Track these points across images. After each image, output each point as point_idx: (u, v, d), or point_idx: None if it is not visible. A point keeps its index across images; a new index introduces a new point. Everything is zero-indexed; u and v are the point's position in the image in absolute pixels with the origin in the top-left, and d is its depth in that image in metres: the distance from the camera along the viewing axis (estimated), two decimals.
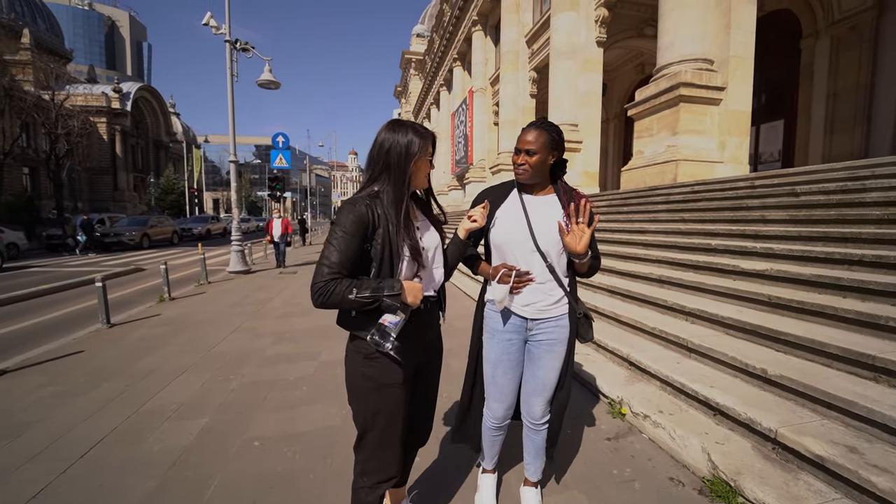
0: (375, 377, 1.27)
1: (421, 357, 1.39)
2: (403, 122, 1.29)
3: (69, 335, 4.69)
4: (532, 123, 1.48)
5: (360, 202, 1.22)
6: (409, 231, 1.24)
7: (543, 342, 1.54)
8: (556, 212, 1.50)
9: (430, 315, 1.37)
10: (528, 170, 1.47)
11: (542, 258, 1.47)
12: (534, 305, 1.51)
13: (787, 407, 2.03)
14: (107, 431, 2.46)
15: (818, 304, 2.50)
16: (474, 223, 1.45)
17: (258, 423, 2.56)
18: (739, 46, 7.14)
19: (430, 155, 1.31)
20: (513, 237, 1.49)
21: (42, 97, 26.99)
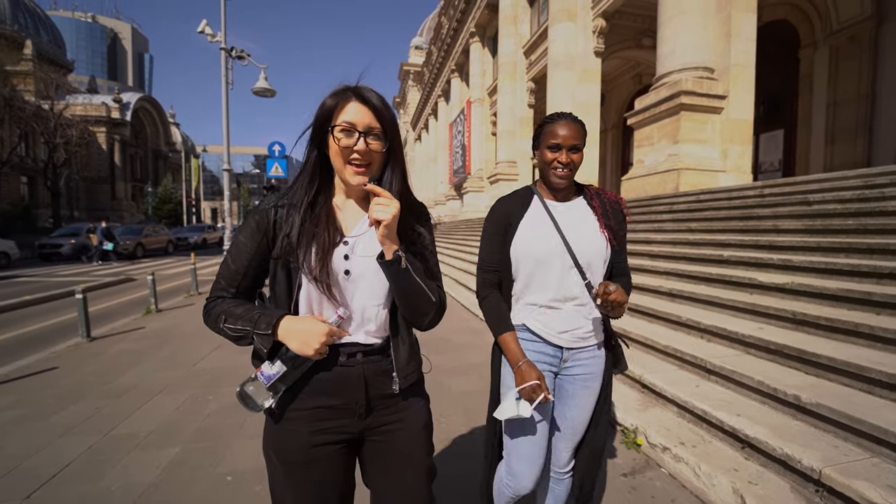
0: (269, 444, 0.93)
1: (352, 427, 0.94)
2: (342, 85, 0.89)
3: (48, 349, 4.44)
4: (563, 115, 1.21)
5: (268, 201, 0.93)
6: (311, 241, 0.87)
7: (579, 377, 1.28)
8: (589, 219, 1.26)
9: (362, 372, 0.92)
10: (572, 172, 1.20)
11: (580, 275, 1.22)
12: (573, 332, 1.24)
13: (828, 441, 1.80)
14: (65, 463, 2.20)
15: (850, 321, 2.28)
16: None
17: (233, 454, 2.31)
18: (740, 55, 7.06)
19: (345, 126, 0.84)
20: (547, 253, 1.21)
21: (42, 107, 27.00)
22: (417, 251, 0.95)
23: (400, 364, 0.95)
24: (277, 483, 0.94)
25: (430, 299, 0.92)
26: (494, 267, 1.30)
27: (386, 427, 0.97)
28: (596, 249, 1.23)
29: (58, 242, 15.69)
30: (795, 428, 1.92)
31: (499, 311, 1.27)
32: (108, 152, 36.92)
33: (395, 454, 0.97)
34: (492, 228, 1.30)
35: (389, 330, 0.96)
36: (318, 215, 0.90)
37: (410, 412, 0.99)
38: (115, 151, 37.56)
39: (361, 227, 0.93)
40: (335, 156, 0.88)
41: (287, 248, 0.88)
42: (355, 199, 0.96)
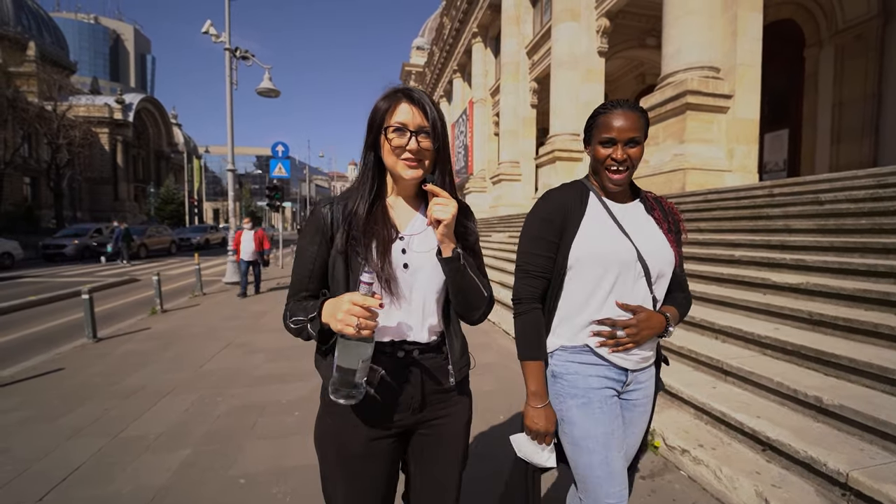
0: (326, 438, 0.97)
1: (408, 421, 0.98)
2: (391, 88, 0.93)
3: (53, 350, 4.43)
4: (619, 103, 1.03)
5: (322, 203, 0.97)
6: (372, 237, 0.91)
7: (639, 402, 1.12)
8: (649, 223, 1.10)
9: (419, 369, 0.96)
10: (629, 171, 1.03)
11: (648, 285, 1.05)
12: (640, 352, 1.07)
13: (852, 443, 1.76)
14: (74, 466, 2.18)
15: (869, 321, 2.24)
16: None
17: (245, 456, 2.28)
18: (746, 54, 7.03)
19: (397, 126, 0.87)
20: (618, 257, 1.02)
21: (45, 108, 27.08)
22: (468, 247, 0.98)
23: (455, 357, 1.00)
24: (331, 476, 0.97)
25: (483, 294, 0.97)
26: (542, 272, 1.08)
27: (436, 420, 1.01)
28: (667, 258, 1.07)
29: (61, 243, 15.72)
30: (818, 430, 1.88)
31: (536, 335, 1.09)
32: (110, 153, 36.98)
33: (440, 446, 1.02)
34: (543, 224, 1.08)
35: (443, 325, 1.00)
36: (375, 213, 0.94)
37: (458, 407, 1.04)
38: (117, 152, 37.61)
39: (414, 224, 0.98)
40: (388, 154, 0.91)
41: (352, 242, 0.91)
42: (406, 197, 1.00)
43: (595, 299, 1.05)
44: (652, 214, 1.11)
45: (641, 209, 1.12)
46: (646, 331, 1.02)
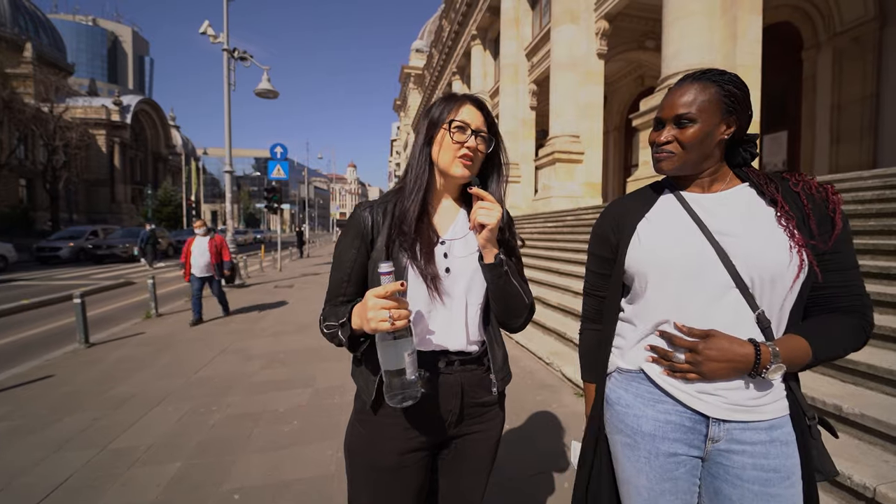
0: (357, 448, 0.94)
1: (444, 434, 0.95)
2: (448, 93, 0.96)
3: (44, 355, 4.32)
4: (691, 74, 0.83)
5: (362, 206, 0.95)
6: (416, 239, 0.88)
7: (748, 476, 0.76)
8: (761, 216, 0.79)
9: (460, 380, 0.92)
10: (675, 152, 0.81)
11: (746, 299, 0.76)
12: (727, 394, 0.77)
13: (876, 455, 1.69)
14: (60, 480, 2.08)
15: (888, 326, 2.18)
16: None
17: (240, 469, 2.19)
18: (746, 56, 7.02)
19: (460, 123, 0.88)
20: (682, 261, 0.79)
21: (41, 109, 26.94)
22: (508, 253, 0.95)
23: (497, 366, 0.96)
24: (359, 488, 0.94)
25: (525, 301, 0.93)
26: (595, 290, 0.98)
27: (471, 435, 0.97)
28: (775, 260, 0.75)
29: (56, 245, 15.56)
30: (839, 441, 1.80)
31: (587, 354, 0.99)
32: (107, 155, 36.82)
33: (471, 460, 0.98)
34: (594, 238, 0.97)
35: (484, 334, 0.96)
36: (420, 215, 0.92)
37: (494, 422, 1.00)
38: (114, 154, 37.46)
39: (455, 229, 0.95)
40: (445, 151, 0.90)
41: (400, 242, 0.89)
42: (450, 199, 0.98)
43: (655, 314, 0.83)
44: (773, 205, 0.80)
45: (746, 195, 0.83)
46: (712, 363, 0.73)
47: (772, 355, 0.72)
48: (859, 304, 0.79)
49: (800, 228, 0.77)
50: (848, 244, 0.80)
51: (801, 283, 0.76)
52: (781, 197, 0.80)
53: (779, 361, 0.72)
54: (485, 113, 0.92)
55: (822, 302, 0.80)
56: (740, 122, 0.81)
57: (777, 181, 0.84)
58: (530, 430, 2.63)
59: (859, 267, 0.81)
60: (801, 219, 0.78)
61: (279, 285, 9.34)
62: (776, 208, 0.79)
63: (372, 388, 0.89)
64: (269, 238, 30.67)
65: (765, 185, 0.83)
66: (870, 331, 0.80)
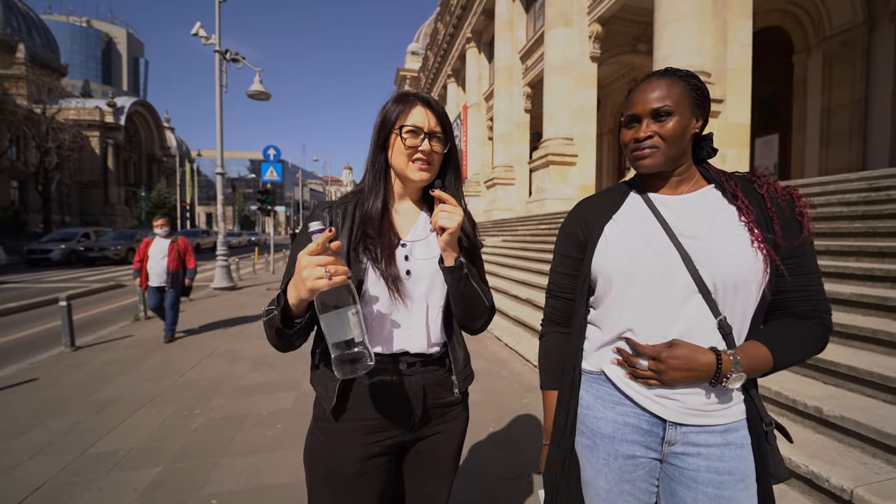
0: (316, 456, 0.91)
1: (406, 437, 0.93)
2: (399, 91, 0.94)
3: (29, 359, 4.26)
4: (656, 72, 0.82)
5: (321, 207, 0.95)
6: (377, 241, 0.87)
7: (702, 479, 0.76)
8: (725, 218, 0.79)
9: (421, 381, 0.92)
10: (658, 146, 0.78)
11: (708, 304, 0.75)
12: (684, 399, 0.77)
13: (855, 457, 1.69)
14: (35, 486, 2.04)
15: (868, 327, 2.19)
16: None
17: (220, 473, 2.16)
18: (736, 59, 7.09)
19: (411, 128, 0.86)
20: (647, 265, 0.78)
21: (34, 111, 26.72)
22: (470, 256, 0.95)
23: (458, 367, 0.96)
24: (319, 496, 0.92)
25: (485, 303, 0.94)
26: (562, 292, 0.94)
27: (434, 436, 0.97)
28: (737, 265, 0.74)
29: (47, 248, 15.40)
30: (819, 443, 1.81)
31: (547, 359, 0.96)
32: (101, 157, 36.54)
33: (434, 461, 0.98)
34: (561, 238, 0.95)
35: (445, 335, 0.96)
36: (381, 217, 0.91)
37: (457, 422, 1.00)
38: (108, 156, 37.18)
39: (416, 231, 0.95)
40: (399, 155, 0.89)
41: (362, 243, 0.88)
42: (410, 201, 0.98)
43: (618, 317, 0.82)
44: (734, 203, 0.80)
45: (712, 198, 0.82)
46: (674, 371, 0.71)
47: (733, 364, 0.71)
48: (819, 308, 0.79)
49: (762, 229, 0.77)
50: (809, 248, 0.80)
51: (763, 287, 0.76)
52: (742, 194, 0.80)
53: (739, 370, 0.72)
54: (436, 112, 0.90)
55: (783, 306, 0.80)
56: (705, 117, 0.82)
57: (740, 181, 0.84)
58: (515, 432, 2.62)
59: (820, 272, 0.81)
60: (764, 221, 0.78)
61: (272, 287, 9.28)
62: (737, 208, 0.79)
63: (332, 394, 0.87)
64: (264, 240, 30.54)
65: (727, 184, 0.83)
66: (829, 335, 0.80)
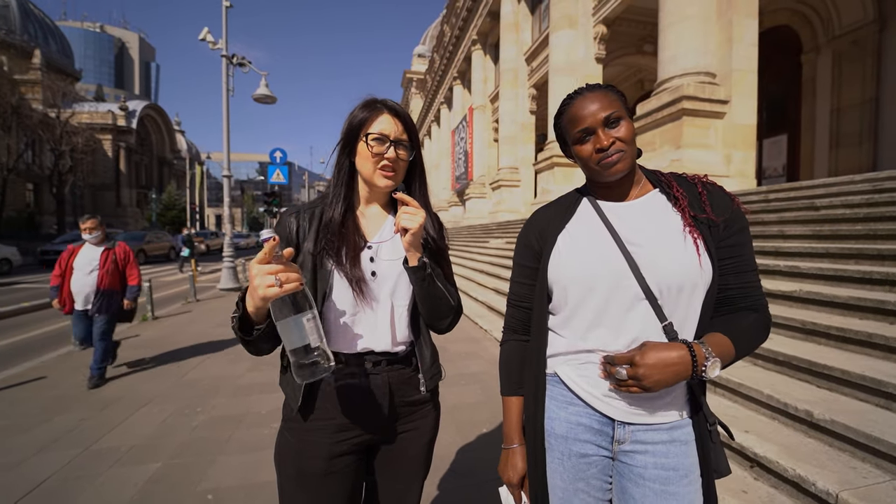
0: (285, 456, 0.93)
1: (373, 436, 0.96)
2: (367, 98, 0.94)
3: (39, 357, 4.38)
4: (583, 88, 0.85)
5: (288, 212, 0.97)
6: (342, 244, 0.90)
7: (649, 475, 0.79)
8: (669, 223, 0.82)
9: (387, 380, 0.94)
10: (624, 150, 0.79)
11: (654, 310, 0.78)
12: (631, 400, 0.80)
13: (844, 461, 1.68)
14: (39, 480, 2.11)
15: (864, 331, 2.17)
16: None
17: (217, 470, 2.21)
18: (742, 60, 7.02)
19: (378, 135, 0.88)
20: (597, 275, 0.81)
21: (48, 115, 27.34)
22: (435, 258, 0.98)
23: (425, 366, 0.98)
24: (289, 495, 0.93)
25: (450, 303, 0.96)
26: (520, 301, 0.96)
27: (402, 434, 0.98)
28: (681, 270, 0.77)
29: (60, 249, 15.73)
30: (808, 446, 1.80)
31: (507, 366, 0.97)
32: (113, 159, 37.26)
33: (404, 459, 0.99)
34: (518, 249, 0.97)
35: (412, 334, 0.98)
36: (346, 221, 0.94)
37: (426, 420, 1.01)
38: (120, 158, 37.89)
39: (382, 233, 0.97)
40: (365, 161, 0.91)
41: (324, 248, 0.90)
42: (377, 205, 1.00)
43: (572, 324, 0.84)
44: (677, 207, 0.82)
45: (658, 203, 0.85)
46: (654, 373, 0.71)
47: (705, 352, 0.72)
48: (760, 303, 0.82)
49: (704, 233, 0.79)
50: (747, 247, 0.82)
51: (707, 288, 0.78)
52: (693, 206, 0.82)
53: (713, 356, 0.72)
54: (403, 120, 0.92)
55: (727, 303, 0.82)
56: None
57: (684, 186, 0.86)
58: None
59: (757, 269, 0.84)
60: (697, 204, 0.81)
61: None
62: (684, 217, 0.81)
63: (299, 394, 0.90)
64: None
65: (663, 178, 0.87)
66: (770, 325, 0.84)
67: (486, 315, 5.60)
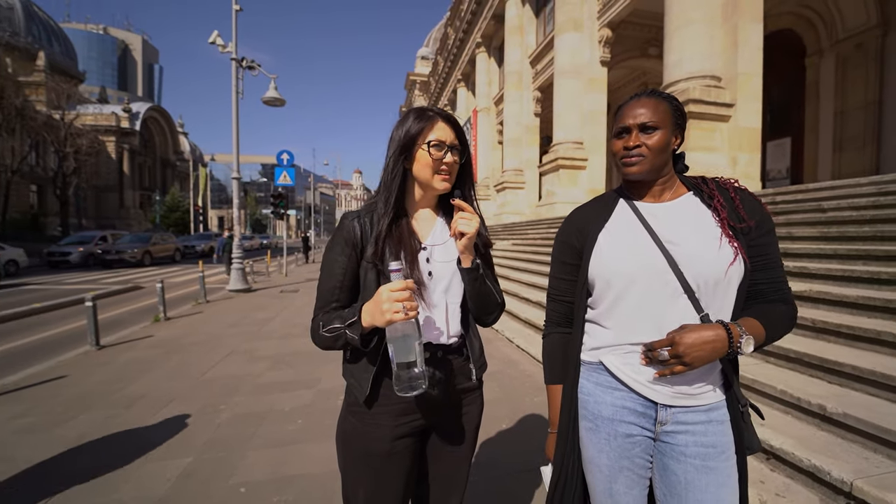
0: (350, 438, 1.02)
1: (430, 420, 1.03)
2: (417, 108, 1.01)
3: (57, 357, 4.45)
4: (642, 92, 0.92)
5: (349, 216, 1.02)
6: (400, 246, 0.97)
7: (690, 452, 0.87)
8: (705, 224, 0.89)
9: (443, 369, 1.02)
10: (645, 155, 0.87)
11: (692, 303, 0.85)
12: (674, 385, 0.87)
13: (857, 452, 1.75)
14: (76, 475, 2.18)
15: (873, 329, 2.24)
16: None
17: (247, 464, 2.28)
18: (747, 63, 7.09)
19: (436, 142, 0.95)
20: (639, 271, 0.88)
21: (52, 117, 27.53)
22: (483, 257, 1.05)
23: (475, 356, 1.07)
24: (353, 476, 1.02)
25: (497, 300, 1.05)
26: (562, 295, 1.02)
27: (455, 419, 1.07)
28: (717, 267, 0.84)
29: (66, 251, 15.85)
30: (822, 439, 1.87)
31: (551, 357, 1.04)
32: (116, 161, 37.46)
33: (455, 442, 1.08)
34: (558, 246, 1.03)
35: (462, 328, 1.06)
36: (401, 224, 1.01)
37: (474, 406, 1.10)
38: (123, 160, 38.11)
39: (434, 235, 1.04)
40: (424, 167, 0.98)
41: (381, 251, 0.96)
42: (428, 209, 1.07)
43: (615, 317, 0.91)
44: (710, 204, 0.90)
45: (692, 204, 0.92)
46: (693, 350, 0.77)
47: (739, 330, 0.80)
48: (787, 296, 0.92)
49: (738, 234, 0.87)
50: (774, 246, 0.91)
51: (739, 282, 0.86)
52: (727, 208, 0.89)
53: (747, 334, 0.80)
54: (454, 126, 1.00)
55: (758, 296, 0.91)
56: (683, 136, 0.94)
57: (719, 190, 0.94)
58: (524, 430, 2.70)
59: (783, 265, 0.93)
60: (734, 210, 0.89)
61: (285, 290, 9.47)
62: (714, 208, 0.89)
63: (366, 385, 0.97)
64: (276, 244, 30.94)
65: (703, 186, 0.94)
66: (796, 316, 0.92)
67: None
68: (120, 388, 3.52)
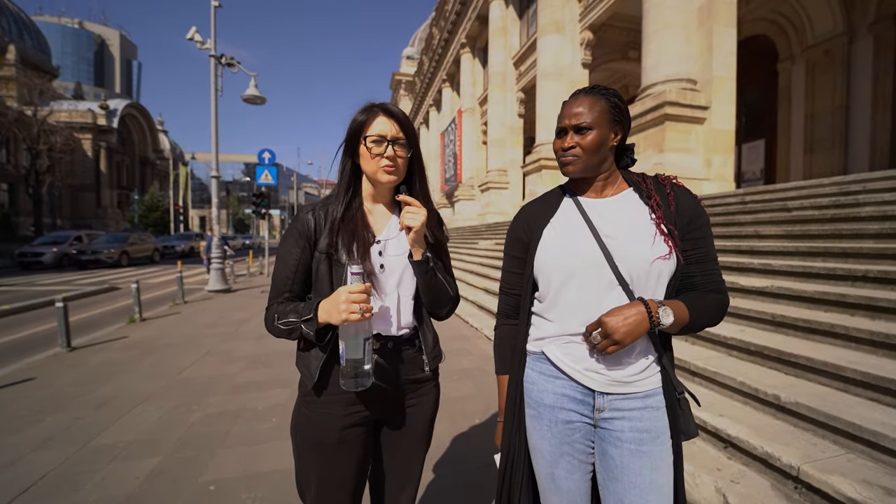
0: (303, 426, 1.03)
1: (380, 410, 1.05)
2: (367, 103, 1.02)
3: (25, 359, 4.31)
4: (581, 90, 0.96)
5: (305, 209, 1.04)
6: (353, 238, 0.99)
7: (626, 437, 0.90)
8: (641, 218, 0.93)
9: (394, 360, 1.04)
10: (579, 155, 0.92)
11: (627, 294, 0.89)
12: (606, 372, 0.91)
13: (806, 439, 1.84)
14: (38, 476, 2.13)
15: (827, 322, 2.35)
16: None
17: (217, 463, 2.27)
18: (722, 67, 7.31)
19: (376, 137, 0.96)
20: (576, 264, 0.92)
21: (24, 112, 26.53)
22: (436, 251, 1.07)
23: (428, 348, 1.09)
24: (305, 465, 1.04)
25: (449, 293, 1.07)
26: (512, 289, 1.07)
27: (407, 409, 1.09)
28: (648, 261, 0.88)
29: (39, 251, 15.31)
30: (776, 427, 1.96)
31: (500, 348, 1.08)
32: (93, 159, 36.31)
33: (408, 433, 1.09)
34: (509, 241, 1.07)
35: (416, 320, 1.08)
36: (355, 217, 1.03)
37: (428, 397, 1.12)
38: (100, 158, 36.96)
39: (389, 230, 1.06)
40: (368, 161, 0.99)
41: (335, 243, 0.99)
42: (382, 204, 1.09)
43: (556, 308, 0.95)
44: (648, 203, 0.94)
45: (631, 201, 0.97)
46: (619, 329, 0.82)
47: (657, 304, 0.85)
48: (720, 287, 0.96)
49: (671, 228, 0.90)
50: (708, 240, 0.95)
51: (670, 277, 0.91)
52: (662, 204, 0.93)
53: (664, 305, 0.85)
54: (398, 120, 1.00)
55: (692, 288, 0.95)
56: (624, 131, 0.96)
57: (656, 186, 0.98)
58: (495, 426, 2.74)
59: (717, 258, 0.97)
60: (667, 206, 0.93)
61: (265, 290, 9.34)
62: (650, 207, 0.93)
63: (315, 372, 0.99)
64: (258, 244, 30.48)
65: (643, 184, 0.98)
66: (728, 306, 0.96)
67: (476, 314, 5.73)
68: (90, 389, 3.43)
